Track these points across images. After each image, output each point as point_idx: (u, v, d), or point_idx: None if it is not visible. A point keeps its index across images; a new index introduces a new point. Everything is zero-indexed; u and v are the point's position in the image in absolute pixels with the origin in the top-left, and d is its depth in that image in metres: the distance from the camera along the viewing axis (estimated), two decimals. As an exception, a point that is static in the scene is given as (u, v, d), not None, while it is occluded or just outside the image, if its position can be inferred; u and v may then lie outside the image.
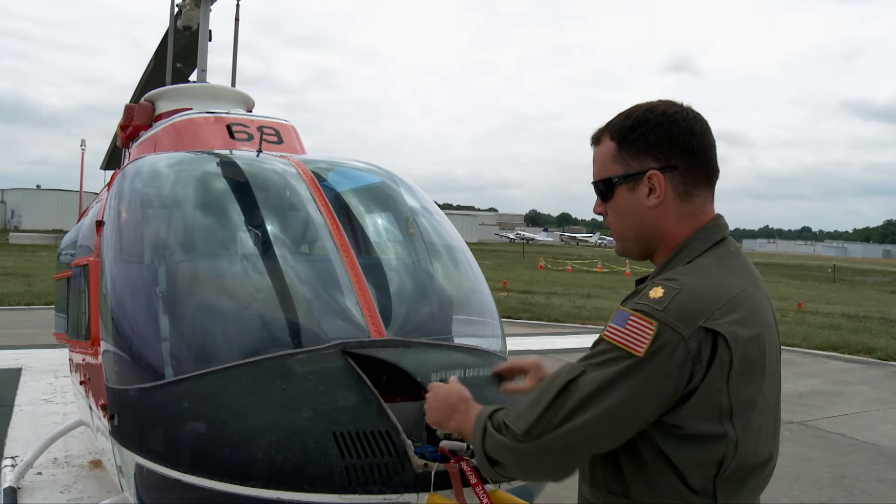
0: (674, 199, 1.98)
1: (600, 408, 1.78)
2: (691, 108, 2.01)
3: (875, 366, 15.02)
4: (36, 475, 6.52)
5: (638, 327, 1.77)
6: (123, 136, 6.40)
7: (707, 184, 2.01)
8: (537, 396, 1.89)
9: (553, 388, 1.86)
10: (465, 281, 4.29)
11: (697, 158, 1.97)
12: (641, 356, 1.75)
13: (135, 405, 3.27)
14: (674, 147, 1.95)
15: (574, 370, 1.85)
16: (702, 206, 2.00)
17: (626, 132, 2.00)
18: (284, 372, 3.01)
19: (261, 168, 4.29)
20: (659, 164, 1.96)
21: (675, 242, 2.00)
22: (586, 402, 1.80)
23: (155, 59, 7.65)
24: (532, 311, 21.39)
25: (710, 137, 2.01)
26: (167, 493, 3.03)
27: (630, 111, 2.03)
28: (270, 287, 3.65)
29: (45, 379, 10.62)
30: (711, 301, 1.80)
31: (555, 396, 1.84)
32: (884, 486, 7.37)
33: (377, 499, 2.61)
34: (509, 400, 2.48)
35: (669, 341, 1.75)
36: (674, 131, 1.95)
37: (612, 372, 1.78)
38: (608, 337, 1.82)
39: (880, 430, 9.56)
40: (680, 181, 1.97)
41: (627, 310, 1.82)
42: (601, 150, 2.07)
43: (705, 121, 2.01)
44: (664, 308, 1.77)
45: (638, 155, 1.98)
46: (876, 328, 20.28)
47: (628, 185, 2.01)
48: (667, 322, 1.75)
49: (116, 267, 3.81)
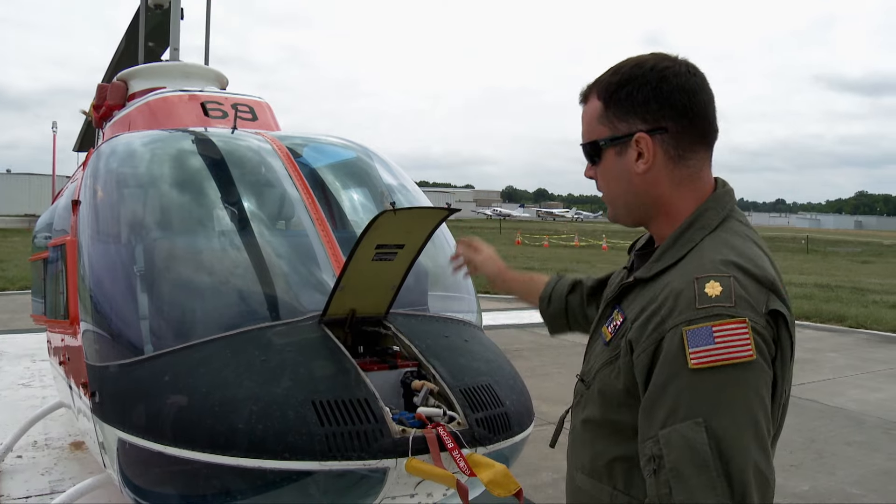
0: (665, 164, 1.79)
1: (758, 433, 1.52)
2: (686, 61, 1.82)
3: (846, 333, 15.35)
4: (16, 458, 6.53)
5: (732, 334, 1.52)
6: (97, 115, 6.36)
7: (703, 146, 1.82)
8: (690, 487, 1.49)
9: (698, 461, 1.49)
10: (441, 256, 4.34)
11: (690, 119, 1.77)
12: (755, 358, 1.53)
13: (116, 381, 3.29)
14: (663, 107, 1.76)
15: (696, 433, 1.50)
16: (699, 170, 1.82)
17: (613, 90, 1.82)
18: (263, 343, 3.05)
19: (236, 145, 4.30)
20: (647, 126, 1.78)
21: (676, 211, 1.82)
22: (747, 443, 1.50)
23: (126, 38, 7.58)
24: (510, 286, 21.45)
25: (706, 94, 1.81)
26: (151, 466, 3.08)
27: (618, 66, 1.85)
28: (248, 262, 3.68)
29: (22, 363, 10.55)
30: (763, 282, 1.62)
31: (712, 469, 1.48)
32: (851, 448, 7.60)
33: (357, 464, 2.67)
34: None
35: (761, 334, 1.55)
36: (663, 89, 1.76)
37: (739, 391, 1.52)
38: (703, 365, 1.52)
39: (849, 396, 9.81)
40: (671, 144, 1.78)
41: (703, 325, 1.53)
42: (588, 109, 1.90)
43: (701, 75, 1.81)
44: (734, 303, 1.55)
45: (625, 116, 1.80)
46: (847, 297, 20.65)
47: (616, 148, 1.83)
48: (747, 317, 1.54)
49: (94, 246, 3.81)
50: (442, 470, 2.64)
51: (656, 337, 1.61)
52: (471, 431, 2.86)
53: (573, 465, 1.97)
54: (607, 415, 1.80)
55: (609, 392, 1.78)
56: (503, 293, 2.80)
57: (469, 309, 4.19)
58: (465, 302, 4.24)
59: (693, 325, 1.54)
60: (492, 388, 3.12)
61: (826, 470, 6.88)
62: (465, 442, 2.79)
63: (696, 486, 1.48)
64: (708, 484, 1.47)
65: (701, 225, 1.77)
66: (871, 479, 6.69)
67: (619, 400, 1.74)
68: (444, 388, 3.00)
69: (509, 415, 3.08)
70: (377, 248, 2.98)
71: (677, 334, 1.56)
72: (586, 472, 1.88)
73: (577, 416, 1.96)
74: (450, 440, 2.72)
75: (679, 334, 1.55)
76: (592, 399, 1.86)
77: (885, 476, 6.80)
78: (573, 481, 1.97)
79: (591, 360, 1.91)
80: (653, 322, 1.63)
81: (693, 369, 1.52)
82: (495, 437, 2.96)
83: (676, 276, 1.67)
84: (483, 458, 2.72)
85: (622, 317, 1.79)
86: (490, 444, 2.93)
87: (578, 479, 1.92)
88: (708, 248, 1.70)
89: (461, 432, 2.82)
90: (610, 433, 1.80)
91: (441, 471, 2.64)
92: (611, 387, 1.77)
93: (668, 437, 1.53)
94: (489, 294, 19.08)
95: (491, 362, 3.28)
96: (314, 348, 3.04)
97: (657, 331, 1.61)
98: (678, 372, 1.54)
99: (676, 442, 1.51)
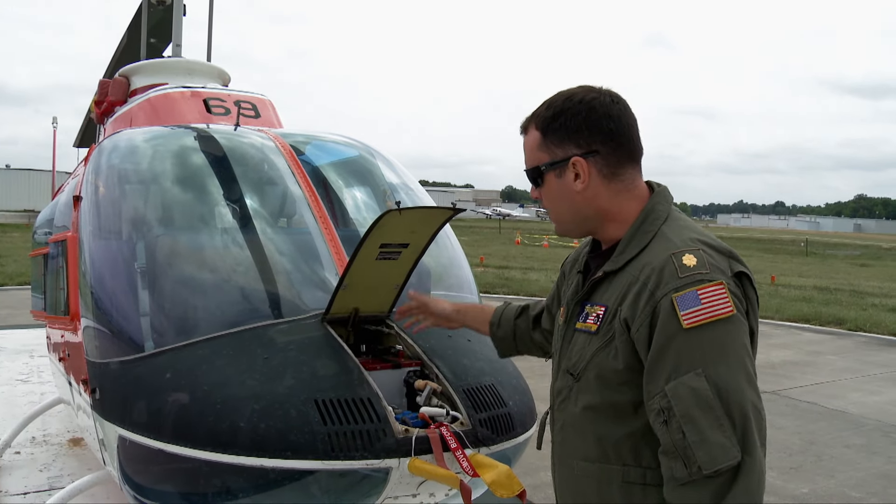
0: (600, 181, 2.05)
1: (747, 374, 1.80)
2: (609, 91, 2.08)
3: (845, 336, 15.31)
4: (14, 454, 6.50)
5: (713, 295, 1.80)
6: (98, 111, 6.33)
7: (631, 161, 2.08)
8: (701, 427, 1.75)
9: (703, 405, 1.76)
10: (444, 255, 4.33)
11: (617, 141, 2.04)
12: (734, 313, 1.80)
13: (117, 378, 3.28)
14: (593, 133, 2.03)
15: (698, 382, 1.77)
16: (631, 180, 2.08)
17: (549, 122, 2.08)
18: (266, 342, 3.04)
19: (239, 142, 4.29)
20: (581, 151, 2.04)
21: (622, 216, 2.07)
22: (741, 384, 1.78)
23: (128, 34, 7.55)
24: (509, 285, 21.49)
25: (629, 118, 2.07)
26: (151, 463, 3.07)
27: (551, 100, 2.11)
28: (250, 259, 3.67)
29: (21, 359, 10.53)
30: (723, 251, 1.92)
31: (716, 409, 1.75)
32: (850, 450, 7.58)
33: (359, 464, 2.67)
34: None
35: (734, 293, 1.83)
36: (592, 118, 2.03)
37: (727, 341, 1.80)
38: (695, 323, 1.79)
39: (848, 398, 9.79)
40: (603, 164, 2.04)
41: (688, 290, 1.80)
42: (528, 139, 2.16)
43: (624, 102, 2.08)
44: (709, 269, 1.84)
45: (561, 143, 2.06)
46: (846, 300, 20.62)
47: (555, 171, 2.10)
48: (722, 279, 1.83)
49: (95, 242, 3.80)
50: (445, 470, 2.63)
51: (650, 308, 1.85)
52: (474, 432, 2.85)
53: (571, 456, 2.11)
54: (607, 398, 1.98)
55: (608, 374, 1.96)
56: (459, 326, 2.93)
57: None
58: (467, 301, 4.22)
59: (680, 292, 1.81)
60: (495, 388, 3.11)
61: (825, 473, 6.86)
62: (469, 442, 2.78)
63: (705, 425, 1.74)
64: (714, 422, 1.74)
65: (655, 217, 2.03)
66: (871, 482, 6.67)
67: (621, 379, 1.93)
68: (447, 388, 2.98)
69: (512, 415, 3.07)
70: (381, 247, 2.97)
71: (668, 301, 1.81)
72: (590, 458, 2.03)
73: (569, 410, 2.11)
74: (453, 440, 2.71)
75: (670, 301, 1.81)
76: (588, 388, 2.02)
77: (884, 479, 6.78)
78: (572, 472, 2.10)
79: (577, 354, 2.07)
80: (643, 297, 1.87)
81: (687, 328, 1.79)
82: (498, 437, 2.95)
83: (651, 256, 1.93)
84: (486, 458, 2.71)
85: (602, 307, 2.01)
86: (493, 445, 2.92)
87: (579, 468, 2.06)
88: (670, 232, 1.98)
89: (464, 432, 2.81)
90: (612, 415, 1.97)
91: (444, 471, 2.63)
92: (609, 369, 1.95)
93: (674, 390, 1.78)
94: (489, 294, 19.13)
95: (494, 362, 3.27)
96: (317, 347, 3.03)
97: (649, 303, 1.85)
98: (674, 333, 1.80)
99: (682, 392, 1.77)
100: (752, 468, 1.74)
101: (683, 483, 1.77)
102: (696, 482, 1.75)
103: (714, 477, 1.73)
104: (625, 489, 1.96)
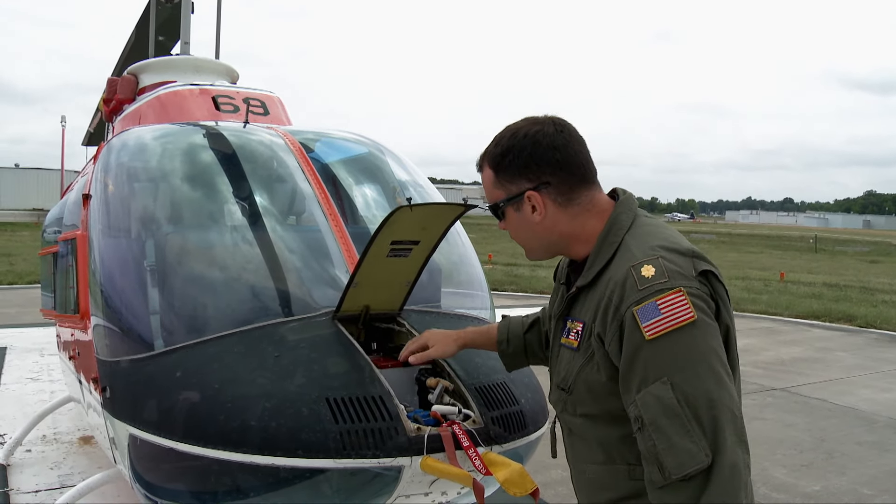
0: (557, 209, 2.11)
1: (715, 376, 1.82)
2: (553, 119, 2.12)
3: (855, 333, 15.27)
4: (25, 452, 6.53)
5: (671, 303, 1.83)
6: (107, 110, 6.34)
7: (584, 184, 2.12)
8: (668, 434, 1.79)
9: (670, 413, 1.80)
10: (455, 252, 4.31)
11: (567, 170, 2.08)
12: (696, 318, 1.82)
13: (127, 376, 3.27)
14: (541, 166, 2.07)
15: (664, 391, 1.81)
16: (588, 201, 2.12)
17: (498, 160, 2.13)
18: (276, 339, 3.02)
19: (248, 139, 4.27)
20: (532, 184, 2.09)
21: (586, 234, 2.12)
22: (709, 387, 1.80)
23: (137, 32, 7.55)
24: (517, 283, 21.50)
25: (575, 144, 2.10)
26: (162, 462, 3.05)
27: (498, 138, 2.15)
28: (261, 257, 3.65)
29: (31, 357, 10.58)
30: (685, 252, 1.94)
31: (682, 415, 1.79)
32: (861, 448, 7.55)
33: (371, 462, 2.65)
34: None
35: (697, 295, 1.85)
36: (538, 151, 2.07)
37: (692, 346, 1.82)
38: (657, 334, 1.82)
39: (859, 395, 9.75)
40: (556, 193, 2.09)
41: (647, 302, 1.84)
42: (484, 177, 2.22)
43: (569, 128, 2.11)
44: (668, 277, 1.86)
45: (513, 179, 2.12)
46: (856, 297, 20.58)
47: (513, 206, 2.16)
48: (682, 285, 1.85)
49: (105, 240, 3.79)
50: (457, 469, 2.61)
51: (617, 323, 1.90)
52: (486, 430, 2.83)
53: (581, 460, 2.18)
54: (601, 406, 2.04)
55: (596, 387, 2.02)
56: (469, 347, 2.87)
57: (482, 305, 4.16)
58: (478, 299, 4.20)
59: (640, 304, 1.85)
60: (507, 385, 3.08)
61: (837, 470, 6.83)
62: (481, 440, 2.76)
63: (672, 432, 1.78)
64: (681, 428, 1.77)
65: (618, 227, 2.07)
66: (883, 480, 6.64)
67: (608, 389, 1.98)
68: (459, 386, 2.96)
69: (525, 413, 3.05)
70: (392, 244, 2.95)
71: (630, 315, 1.86)
72: (599, 461, 2.09)
73: (570, 419, 2.18)
74: (465, 438, 2.68)
75: (632, 314, 1.86)
76: (581, 399, 2.10)
77: (896, 476, 6.75)
78: (583, 476, 2.18)
79: (564, 369, 2.15)
80: (610, 312, 1.92)
81: (650, 339, 1.83)
82: (511, 435, 2.92)
83: (614, 270, 1.97)
84: (499, 456, 2.69)
85: (580, 322, 2.08)
86: (506, 443, 2.89)
87: (590, 471, 2.13)
88: (631, 242, 2.01)
89: (476, 430, 2.78)
90: (609, 421, 2.03)
91: (456, 469, 2.61)
92: (596, 382, 2.02)
93: (643, 399, 1.83)
94: (497, 291, 19.11)
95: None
96: (328, 345, 3.01)
97: (615, 318, 1.90)
98: (639, 345, 1.84)
99: (649, 401, 1.82)
100: (722, 468, 1.76)
101: (661, 486, 1.82)
102: (671, 485, 1.80)
103: (686, 480, 1.77)
104: (633, 486, 2.00)
